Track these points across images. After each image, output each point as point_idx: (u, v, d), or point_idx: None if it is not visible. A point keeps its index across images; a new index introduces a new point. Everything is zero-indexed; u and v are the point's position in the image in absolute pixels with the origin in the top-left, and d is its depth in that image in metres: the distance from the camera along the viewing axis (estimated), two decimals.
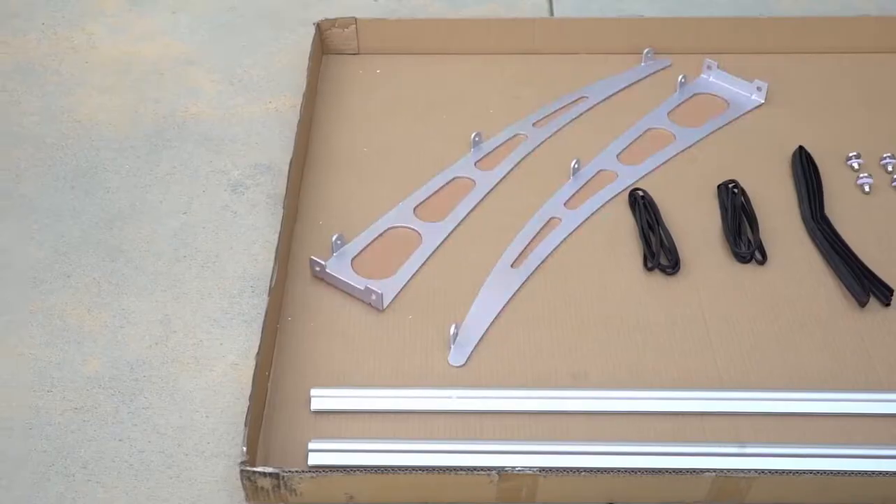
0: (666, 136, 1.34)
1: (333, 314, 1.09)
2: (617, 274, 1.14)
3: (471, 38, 1.48)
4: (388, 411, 0.98)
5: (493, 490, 0.89)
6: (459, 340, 1.05)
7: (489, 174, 1.27)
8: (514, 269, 1.14)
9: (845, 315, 1.09)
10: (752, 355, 1.04)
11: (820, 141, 1.32)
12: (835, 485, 0.89)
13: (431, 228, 1.19)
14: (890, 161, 1.28)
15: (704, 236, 1.19)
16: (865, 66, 1.46)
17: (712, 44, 1.48)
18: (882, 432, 0.96)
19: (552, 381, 1.02)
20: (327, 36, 1.47)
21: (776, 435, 0.96)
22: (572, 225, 1.20)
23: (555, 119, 1.37)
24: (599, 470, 0.88)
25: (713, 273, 1.14)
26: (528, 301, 1.11)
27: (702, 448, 0.92)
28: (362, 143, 1.33)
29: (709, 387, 1.01)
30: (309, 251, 1.15)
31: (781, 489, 0.89)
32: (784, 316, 1.09)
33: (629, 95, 1.43)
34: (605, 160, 1.30)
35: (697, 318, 1.08)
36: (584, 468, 0.88)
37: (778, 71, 1.45)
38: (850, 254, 1.14)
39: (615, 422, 0.98)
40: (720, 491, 0.89)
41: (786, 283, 1.13)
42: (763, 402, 0.97)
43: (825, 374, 1.02)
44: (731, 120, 1.37)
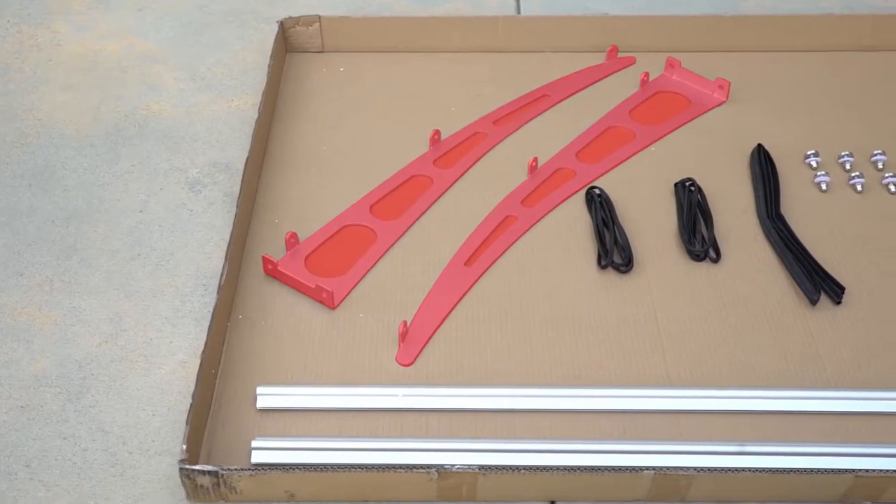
0: (626, 133, 1.34)
1: (285, 312, 1.09)
2: (571, 272, 1.14)
3: (435, 35, 1.48)
4: (334, 409, 0.98)
5: (433, 488, 0.89)
6: (408, 338, 1.05)
7: (447, 172, 1.27)
8: (467, 268, 1.14)
9: (796, 313, 1.09)
10: (701, 354, 1.04)
11: (780, 139, 1.32)
12: (775, 483, 0.89)
13: (386, 226, 1.19)
14: (847, 159, 1.28)
15: (660, 234, 1.19)
16: (828, 64, 1.46)
17: (677, 42, 1.48)
18: (827, 430, 0.96)
19: (500, 380, 1.02)
20: (291, 34, 1.47)
21: (720, 433, 0.96)
22: (528, 223, 1.20)
23: (515, 117, 1.37)
24: (538, 468, 0.88)
25: (667, 271, 1.14)
26: (479, 299, 1.11)
27: (645, 446, 0.91)
28: (322, 141, 1.33)
29: (657, 385, 1.01)
30: (264, 249, 1.15)
31: (721, 487, 0.89)
32: (735, 314, 1.09)
33: (592, 93, 1.43)
34: (564, 158, 1.30)
35: (649, 316, 1.08)
36: (523, 466, 0.88)
37: (741, 69, 1.45)
38: (803, 252, 1.14)
39: (561, 420, 0.97)
40: (660, 489, 0.89)
41: (739, 281, 1.13)
42: (708, 399, 0.97)
43: (773, 372, 1.02)
44: (692, 118, 1.37)
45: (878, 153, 1.28)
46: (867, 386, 1.00)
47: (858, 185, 1.25)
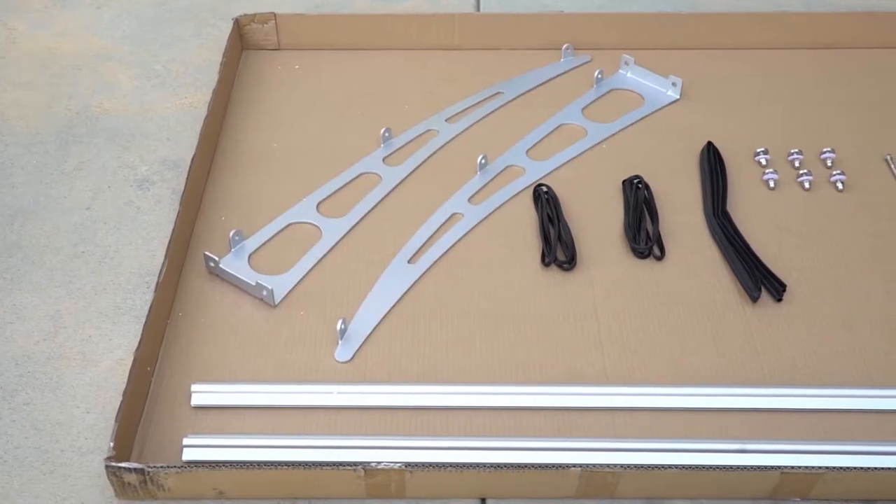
0: (578, 131, 1.34)
1: (226, 310, 1.08)
2: (514, 269, 1.14)
3: (392, 33, 1.48)
4: (269, 407, 0.97)
5: (361, 485, 0.89)
6: (347, 336, 1.04)
7: (396, 170, 1.27)
8: (410, 265, 1.14)
9: (737, 311, 1.09)
10: (640, 351, 1.04)
11: (732, 137, 1.32)
12: (703, 480, 0.89)
13: (332, 224, 1.19)
14: (797, 157, 1.28)
15: (606, 232, 1.19)
16: (784, 61, 1.46)
17: (633, 39, 1.48)
18: (758, 427, 0.96)
19: (437, 377, 1.01)
20: (247, 31, 1.47)
21: (654, 430, 0.96)
22: (474, 220, 1.20)
23: (468, 115, 1.37)
24: (465, 465, 0.88)
25: (611, 269, 1.14)
26: (422, 297, 1.11)
27: (577, 443, 0.91)
28: (274, 138, 1.32)
29: (594, 382, 1.01)
30: (209, 247, 1.15)
31: (649, 484, 0.89)
32: (676, 312, 1.09)
33: (546, 91, 1.43)
34: (514, 155, 1.30)
35: (590, 313, 1.08)
36: (450, 463, 0.87)
37: (697, 67, 1.45)
38: (747, 249, 1.14)
39: (496, 417, 0.97)
40: (588, 486, 0.89)
41: (682, 278, 1.13)
42: (642, 397, 0.97)
43: (710, 369, 1.02)
44: (644, 115, 1.37)
45: (827, 151, 1.28)
46: (803, 383, 1.00)
47: (806, 183, 1.25)
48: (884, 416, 0.97)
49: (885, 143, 1.31)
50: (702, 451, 0.90)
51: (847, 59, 1.46)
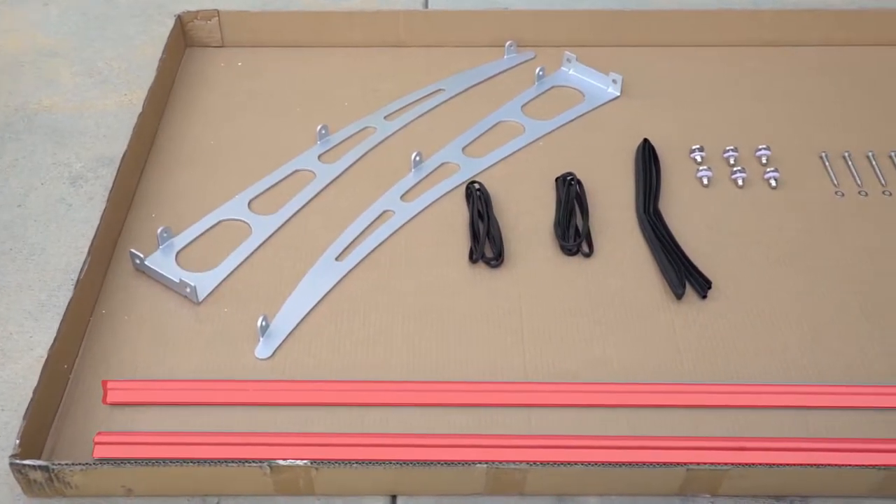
0: (516, 128, 1.34)
1: (150, 307, 1.08)
2: (442, 266, 1.14)
3: (336, 30, 1.48)
4: (185, 404, 0.97)
5: (269, 482, 0.89)
6: (269, 333, 1.04)
7: (331, 167, 1.27)
8: (338, 262, 1.14)
9: (662, 308, 1.09)
10: (561, 348, 1.04)
11: (671, 134, 1.32)
12: (610, 476, 0.89)
13: (263, 221, 1.18)
14: (732, 154, 1.28)
15: (537, 229, 1.19)
16: (727, 59, 1.46)
17: (576, 36, 1.48)
18: (675, 423, 0.96)
19: (357, 374, 1.01)
20: (190, 28, 1.46)
21: (570, 427, 0.96)
22: (405, 217, 1.19)
23: (407, 112, 1.36)
24: (373, 462, 0.88)
25: (538, 266, 1.14)
26: (347, 294, 1.10)
27: (488, 440, 0.91)
28: (212, 136, 1.32)
29: (513, 379, 1.01)
30: (139, 244, 1.14)
31: (557, 481, 0.89)
32: (601, 308, 1.08)
33: (488, 88, 1.42)
34: (450, 153, 1.29)
35: (514, 310, 1.08)
36: (357, 460, 0.87)
37: (639, 64, 1.45)
38: (674, 246, 1.14)
39: (413, 414, 0.97)
40: (496, 482, 0.89)
41: (609, 275, 1.13)
42: (558, 393, 0.97)
43: (632, 366, 1.02)
44: (584, 112, 1.37)
45: (762, 148, 1.28)
46: (722, 380, 1.00)
47: (740, 180, 1.25)
48: (798, 412, 0.97)
49: (822, 140, 1.31)
50: (611, 448, 0.90)
51: (789, 56, 1.46)
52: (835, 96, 1.40)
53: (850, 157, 1.28)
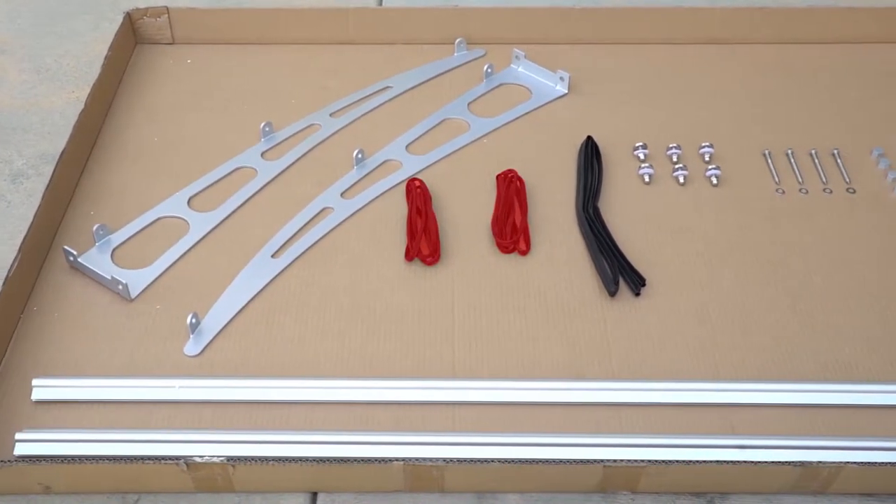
0: (461, 125, 1.34)
1: (82, 305, 1.08)
2: (377, 264, 1.14)
3: (286, 27, 1.48)
4: (111, 401, 0.97)
5: (187, 479, 0.89)
6: (199, 330, 1.04)
7: (273, 164, 1.27)
8: (273, 259, 1.14)
9: (595, 305, 1.09)
10: (491, 345, 1.04)
11: (616, 131, 1.32)
12: (528, 473, 0.89)
13: (201, 218, 1.18)
14: (675, 151, 1.28)
15: (476, 226, 1.19)
16: (675, 56, 1.46)
17: (526, 34, 1.48)
18: (600, 420, 0.96)
19: (286, 371, 1.01)
20: (140, 25, 1.46)
21: (495, 424, 0.95)
22: (344, 215, 1.19)
23: (354, 109, 1.36)
24: (289, 459, 0.88)
25: (474, 263, 1.14)
26: (282, 291, 1.10)
27: (406, 437, 0.91)
28: (157, 133, 1.32)
29: (441, 376, 1.01)
30: (75, 241, 1.14)
31: (476, 478, 0.89)
32: (534, 306, 1.08)
33: (437, 85, 1.42)
34: (393, 150, 1.29)
35: (446, 308, 1.08)
36: (274, 457, 0.87)
37: (589, 61, 1.45)
38: (610, 244, 1.14)
39: (338, 411, 0.97)
40: (415, 479, 0.89)
41: (544, 273, 1.13)
42: (483, 391, 0.97)
43: (560, 363, 1.02)
44: (530, 110, 1.37)
45: (705, 145, 1.28)
46: (649, 377, 1.00)
47: (681, 178, 1.25)
48: (723, 409, 0.97)
49: (767, 138, 1.31)
50: (530, 445, 0.90)
51: (737, 54, 1.47)
52: (782, 94, 1.40)
53: (793, 156, 1.28)
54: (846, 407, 0.96)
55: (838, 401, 0.96)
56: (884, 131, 1.33)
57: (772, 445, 0.89)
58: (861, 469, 0.88)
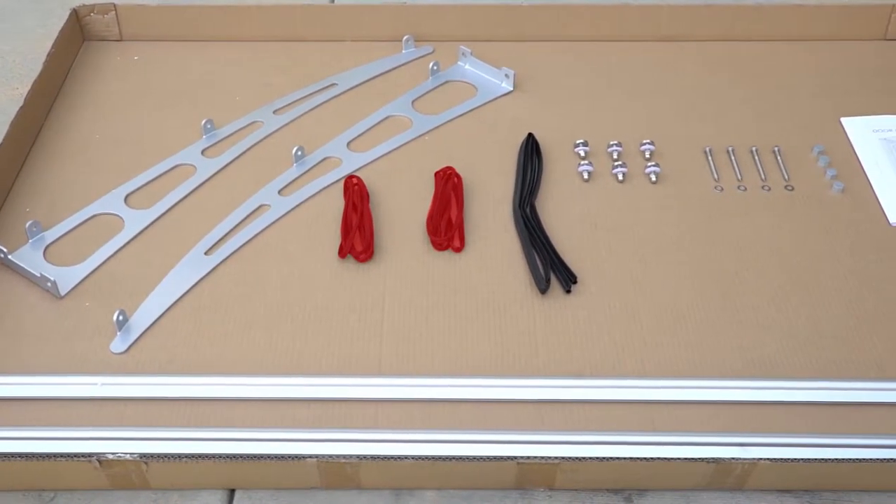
0: (405, 123, 1.34)
1: (10, 302, 1.07)
2: (310, 261, 1.14)
3: (234, 24, 1.48)
4: (32, 398, 0.97)
5: (102, 477, 0.88)
6: (127, 327, 1.04)
7: (213, 161, 1.27)
8: (206, 257, 1.13)
9: (525, 302, 1.08)
10: (419, 342, 1.04)
11: (559, 128, 1.32)
12: (441, 470, 0.89)
13: (137, 215, 1.18)
14: (616, 149, 1.28)
15: (412, 223, 1.18)
16: (622, 53, 1.46)
17: (474, 31, 1.48)
18: (522, 419, 0.96)
19: (212, 369, 1.01)
20: (88, 22, 1.46)
21: (415, 421, 0.95)
22: (281, 212, 1.19)
23: (298, 106, 1.36)
24: (203, 456, 0.88)
25: (408, 260, 1.14)
26: (213, 288, 1.10)
27: (319, 434, 0.91)
28: (99, 130, 1.32)
29: (366, 373, 1.00)
30: (8, 239, 1.14)
31: (392, 474, 0.90)
32: (464, 303, 1.08)
33: (383, 83, 1.42)
34: (334, 147, 1.29)
35: (377, 304, 1.08)
36: (187, 454, 0.87)
37: (537, 58, 1.45)
38: (543, 241, 1.14)
39: (259, 408, 0.97)
40: (330, 476, 0.89)
41: (477, 270, 1.13)
42: (404, 388, 0.97)
43: (486, 360, 1.02)
44: (475, 107, 1.37)
45: (646, 143, 1.28)
46: (577, 374, 1.00)
47: (620, 175, 1.25)
48: (644, 406, 0.97)
49: (709, 135, 1.31)
50: (446, 442, 0.90)
51: (683, 51, 1.47)
52: (728, 92, 1.40)
53: (734, 153, 1.28)
54: (766, 404, 0.96)
55: (759, 397, 0.96)
56: (826, 129, 1.33)
57: (687, 442, 0.89)
58: (774, 465, 0.88)
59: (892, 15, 1.47)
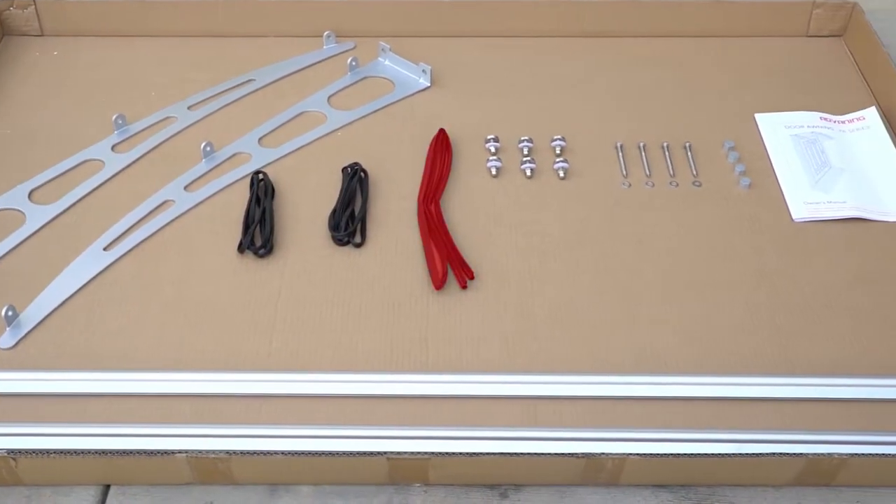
0: (319, 118, 1.34)
1: None
2: (210, 256, 1.13)
3: (156, 19, 1.47)
4: None
5: None
6: (17, 322, 1.04)
7: (122, 157, 1.26)
8: (105, 252, 1.13)
9: (421, 298, 1.08)
10: (310, 338, 1.04)
11: (473, 124, 1.32)
12: (316, 466, 0.89)
13: (39, 211, 1.17)
14: (526, 144, 1.28)
15: (316, 219, 1.18)
16: (539, 49, 1.46)
17: (398, 27, 1.47)
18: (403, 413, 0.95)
19: (101, 364, 1.00)
20: (7, 17, 1.45)
21: (297, 416, 0.95)
22: (185, 207, 1.19)
23: (213, 102, 1.36)
24: (73, 452, 0.87)
25: (308, 256, 1.14)
26: (110, 284, 1.10)
27: (193, 430, 0.91)
28: (10, 125, 1.31)
29: (254, 369, 1.00)
30: None
31: (263, 469, 0.90)
32: (359, 299, 1.08)
33: (301, 79, 1.42)
34: (245, 143, 1.29)
35: (271, 300, 1.08)
36: (57, 450, 0.87)
37: (457, 54, 1.45)
38: (444, 237, 1.14)
39: (139, 403, 0.96)
40: (203, 472, 0.89)
41: (376, 266, 1.12)
42: (288, 384, 0.97)
43: (375, 356, 1.01)
44: (390, 102, 1.37)
45: (557, 138, 1.28)
46: (463, 370, 1.00)
47: (528, 171, 1.25)
48: (527, 402, 0.96)
49: (622, 131, 1.31)
50: (317, 437, 0.90)
51: (603, 47, 1.46)
52: (646, 88, 1.40)
53: (645, 149, 1.28)
54: (645, 399, 0.96)
55: (638, 393, 0.96)
56: (740, 125, 1.33)
57: (557, 437, 0.90)
58: (644, 460, 0.88)
59: (813, 11, 1.47)
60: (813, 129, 1.30)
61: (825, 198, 1.20)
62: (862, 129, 1.30)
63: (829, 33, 1.49)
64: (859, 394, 0.94)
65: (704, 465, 0.90)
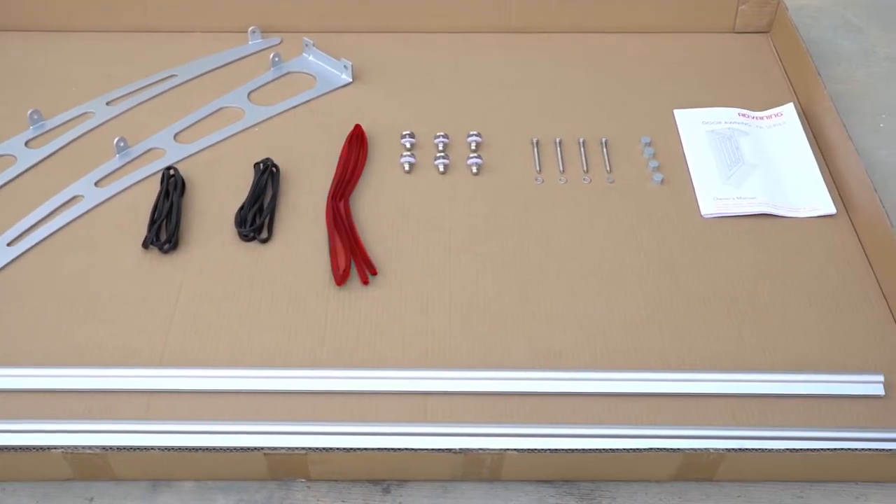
0: (237, 114, 1.34)
1: None
2: (115, 253, 1.13)
3: (83, 14, 1.46)
4: None
5: None
6: None
7: (36, 153, 1.26)
8: (9, 248, 1.13)
9: (322, 294, 1.08)
10: (207, 333, 1.03)
11: (393, 120, 1.32)
12: (202, 461, 0.89)
13: None
14: (442, 140, 1.28)
15: (225, 215, 1.17)
16: (464, 45, 1.46)
17: (323, 22, 1.47)
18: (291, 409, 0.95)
19: None
20: None
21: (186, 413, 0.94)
22: (93, 203, 1.19)
23: (132, 97, 1.35)
24: None
25: (213, 252, 1.13)
26: (12, 280, 1.09)
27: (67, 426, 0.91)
28: None
29: (148, 365, 1.00)
30: None
31: (142, 464, 0.89)
32: (259, 294, 1.08)
33: (224, 74, 1.41)
34: (160, 139, 1.28)
35: (171, 295, 1.07)
36: None
37: (381, 50, 1.44)
38: (349, 233, 1.14)
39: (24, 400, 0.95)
40: (82, 468, 0.88)
41: (281, 262, 1.12)
42: (178, 379, 0.97)
43: (271, 352, 1.01)
44: (310, 98, 1.36)
45: (473, 134, 1.28)
46: (358, 366, 1.00)
47: (441, 166, 1.24)
48: (417, 398, 0.96)
49: (540, 127, 1.31)
50: (197, 433, 0.89)
51: (529, 43, 1.46)
52: (569, 83, 1.39)
53: (561, 145, 1.28)
54: (538, 395, 0.96)
55: (533, 388, 0.96)
56: (658, 121, 1.33)
57: (441, 433, 0.89)
58: (522, 455, 0.88)
59: (739, 7, 1.47)
60: (729, 125, 1.30)
61: (735, 193, 1.20)
62: (778, 126, 1.30)
63: (755, 30, 1.49)
64: (742, 389, 0.94)
65: (585, 461, 0.90)
